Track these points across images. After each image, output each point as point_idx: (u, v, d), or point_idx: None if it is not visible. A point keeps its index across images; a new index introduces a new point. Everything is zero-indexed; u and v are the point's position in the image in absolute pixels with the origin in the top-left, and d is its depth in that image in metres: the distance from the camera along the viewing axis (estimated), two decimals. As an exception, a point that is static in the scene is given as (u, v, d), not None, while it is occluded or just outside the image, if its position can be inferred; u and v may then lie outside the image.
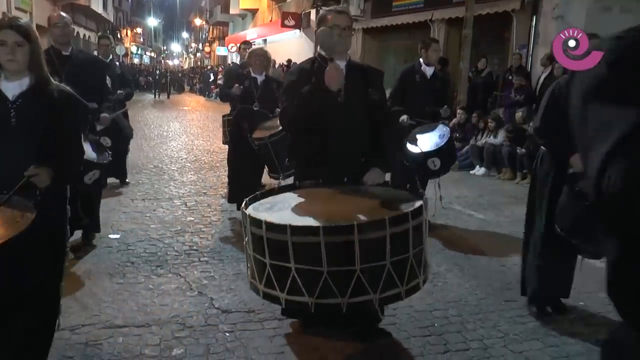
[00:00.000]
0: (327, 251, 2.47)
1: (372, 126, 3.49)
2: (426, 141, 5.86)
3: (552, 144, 3.88)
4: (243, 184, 6.13)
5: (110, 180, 7.62)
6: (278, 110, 6.00)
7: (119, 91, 7.37)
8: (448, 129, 6.13)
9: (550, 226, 3.80)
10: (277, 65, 23.71)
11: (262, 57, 6.39)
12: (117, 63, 8.31)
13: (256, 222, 2.64)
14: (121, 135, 7.22)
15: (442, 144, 5.80)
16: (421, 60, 6.45)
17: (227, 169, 7.19)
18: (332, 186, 3.24)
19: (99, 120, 5.34)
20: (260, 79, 6.38)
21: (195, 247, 5.43)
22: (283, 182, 5.61)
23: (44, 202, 2.60)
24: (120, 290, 4.32)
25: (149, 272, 4.74)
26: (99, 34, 13.07)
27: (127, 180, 8.13)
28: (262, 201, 3.05)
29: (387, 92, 4.24)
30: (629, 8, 10.91)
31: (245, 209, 2.86)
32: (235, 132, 6.54)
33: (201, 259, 5.11)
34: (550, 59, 11.06)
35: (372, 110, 3.45)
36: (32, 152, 2.70)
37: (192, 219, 6.45)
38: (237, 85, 6.40)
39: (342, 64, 3.36)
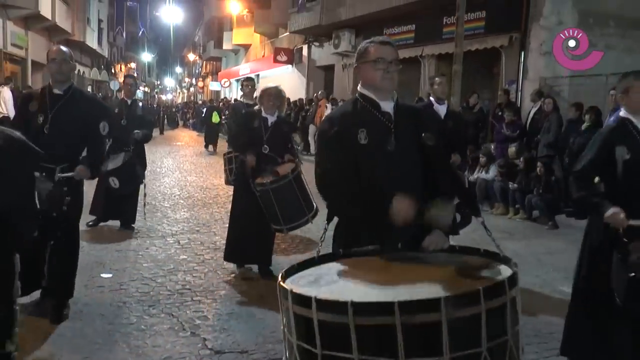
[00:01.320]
0: (405, 336, 1.85)
1: (429, 179, 2.87)
2: None
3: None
4: (244, 238, 5.68)
5: (112, 223, 7.61)
6: (288, 156, 5.79)
7: (135, 131, 7.31)
8: None
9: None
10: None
11: (275, 97, 5.72)
12: (140, 103, 8.08)
13: (302, 300, 2.01)
14: (130, 179, 7.14)
15: None
16: (432, 98, 6.17)
17: (220, 206, 7.14)
18: (386, 254, 2.61)
19: (75, 172, 4.36)
20: (271, 120, 5.70)
21: (188, 286, 5.40)
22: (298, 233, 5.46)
23: None
24: (112, 331, 4.28)
25: (141, 312, 4.70)
26: (125, 74, 13.13)
27: (133, 225, 7.71)
28: (301, 274, 2.39)
29: None
30: (613, 45, 11.16)
31: (284, 282, 2.23)
32: (241, 175, 5.91)
33: (194, 299, 5.08)
34: (539, 95, 11.24)
35: (428, 159, 2.85)
36: None
37: (185, 257, 6.43)
38: (252, 156, 5.60)
39: (388, 106, 2.83)
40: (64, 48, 4.69)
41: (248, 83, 7.69)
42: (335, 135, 2.77)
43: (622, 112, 3.61)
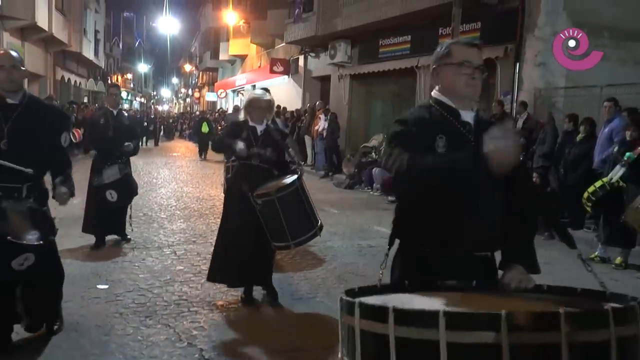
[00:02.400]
0: (514, 358, 1.46)
1: (513, 203, 2.43)
2: None
3: None
4: (239, 255, 5.05)
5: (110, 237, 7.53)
6: (288, 167, 5.30)
7: (126, 143, 7.18)
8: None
9: None
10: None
11: (266, 110, 5.32)
12: (126, 114, 7.97)
13: (375, 312, 1.66)
14: (127, 191, 7.17)
15: None
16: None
17: (216, 217, 7.08)
18: (460, 290, 2.14)
19: (55, 197, 4.01)
20: (260, 128, 5.26)
21: (184, 297, 5.39)
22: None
23: None
24: (109, 343, 4.27)
25: (137, 323, 4.69)
26: (109, 82, 13.04)
27: (128, 236, 7.62)
28: (363, 298, 1.90)
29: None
30: (607, 56, 11.22)
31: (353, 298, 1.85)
32: (233, 189, 5.40)
33: (190, 309, 5.06)
34: (524, 106, 11.35)
35: (510, 181, 2.34)
36: None
37: (182, 267, 6.42)
38: (240, 142, 5.12)
39: (469, 116, 2.48)
40: (12, 52, 4.09)
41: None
42: (411, 136, 2.35)
43: None
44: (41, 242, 3.71)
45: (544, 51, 12.00)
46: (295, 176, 4.93)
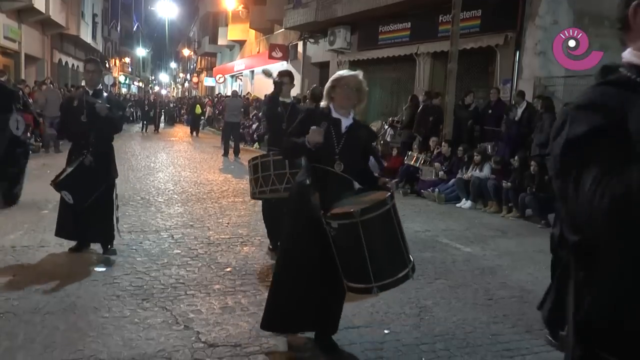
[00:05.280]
0: None
1: None
2: None
3: None
4: (300, 295, 3.82)
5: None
6: (383, 180, 4.02)
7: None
8: None
9: None
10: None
11: (356, 91, 3.89)
12: (105, 94, 6.27)
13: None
14: (87, 188, 5.75)
15: None
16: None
17: (213, 201, 7.03)
18: None
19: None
20: (346, 123, 3.91)
21: (181, 280, 5.40)
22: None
23: None
24: (106, 325, 4.28)
25: (134, 305, 4.70)
26: (85, 57, 12.09)
27: (113, 248, 6.19)
28: None
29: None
30: (607, 45, 11.19)
31: None
32: (298, 204, 3.90)
33: (187, 292, 5.07)
34: (521, 95, 11.35)
35: None
36: None
37: (179, 251, 6.42)
38: (316, 129, 3.66)
39: None
40: None
41: (286, 77, 6.51)
42: (614, 140, 1.39)
43: None
44: None
45: (544, 40, 11.98)
46: (388, 194, 3.61)
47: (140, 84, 68.01)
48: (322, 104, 3.97)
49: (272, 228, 6.48)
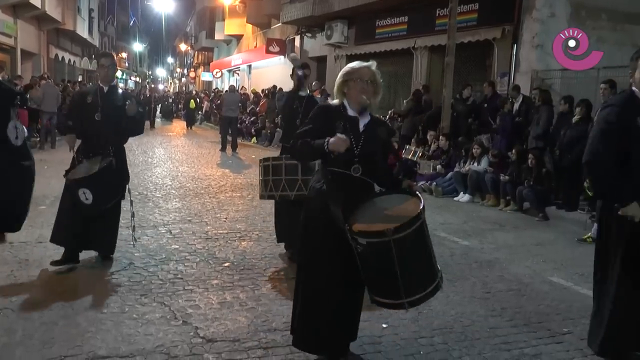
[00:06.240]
0: None
1: None
2: None
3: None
4: (324, 312, 3.50)
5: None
6: (408, 181, 3.76)
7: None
8: None
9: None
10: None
11: (371, 83, 3.76)
12: (120, 90, 5.98)
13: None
14: (107, 190, 5.46)
15: None
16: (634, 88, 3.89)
17: (211, 196, 6.99)
18: None
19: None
20: (363, 121, 3.66)
21: (179, 276, 5.39)
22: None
23: None
24: (104, 320, 4.28)
25: (133, 301, 4.70)
26: (101, 52, 11.81)
27: (111, 255, 5.84)
28: None
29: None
30: (605, 38, 11.20)
31: None
32: (315, 212, 3.55)
33: (186, 288, 5.07)
34: (517, 89, 11.35)
35: None
36: None
37: (177, 246, 6.42)
38: (342, 137, 3.35)
39: None
40: None
41: (308, 69, 6.62)
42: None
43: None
44: None
45: (542, 33, 11.96)
46: (421, 205, 3.27)
47: (137, 79, 67.79)
48: (335, 101, 3.69)
49: (291, 235, 5.64)
